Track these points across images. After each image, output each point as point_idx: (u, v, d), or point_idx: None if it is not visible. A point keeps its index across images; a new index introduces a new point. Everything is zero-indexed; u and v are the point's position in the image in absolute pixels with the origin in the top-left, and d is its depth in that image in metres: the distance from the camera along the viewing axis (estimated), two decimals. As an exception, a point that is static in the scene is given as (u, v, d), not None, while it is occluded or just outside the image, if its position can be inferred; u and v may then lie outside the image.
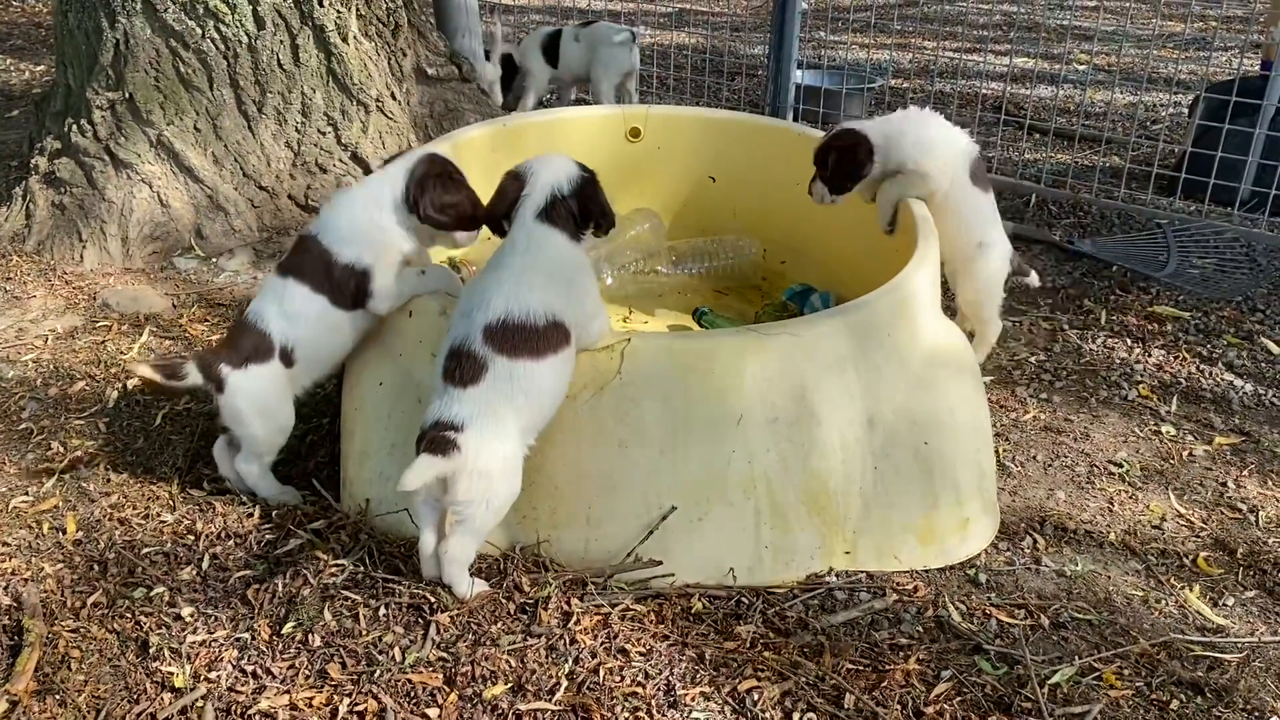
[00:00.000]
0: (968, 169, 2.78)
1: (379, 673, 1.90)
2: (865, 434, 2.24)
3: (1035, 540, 2.43)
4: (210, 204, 3.77)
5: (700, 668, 1.95)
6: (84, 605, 2.09)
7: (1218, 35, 7.28)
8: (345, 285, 2.31)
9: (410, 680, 1.88)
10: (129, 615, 2.06)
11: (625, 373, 2.11)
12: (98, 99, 3.71)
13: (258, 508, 2.36)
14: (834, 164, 2.78)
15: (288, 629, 2.00)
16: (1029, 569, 2.34)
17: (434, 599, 2.05)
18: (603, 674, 1.91)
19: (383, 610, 2.04)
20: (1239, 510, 2.59)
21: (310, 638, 1.98)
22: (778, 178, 3.24)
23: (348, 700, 1.85)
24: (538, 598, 2.06)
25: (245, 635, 2.00)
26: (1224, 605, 2.26)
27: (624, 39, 5.05)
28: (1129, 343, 3.38)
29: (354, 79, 3.93)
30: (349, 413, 2.42)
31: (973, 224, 2.82)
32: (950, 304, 2.87)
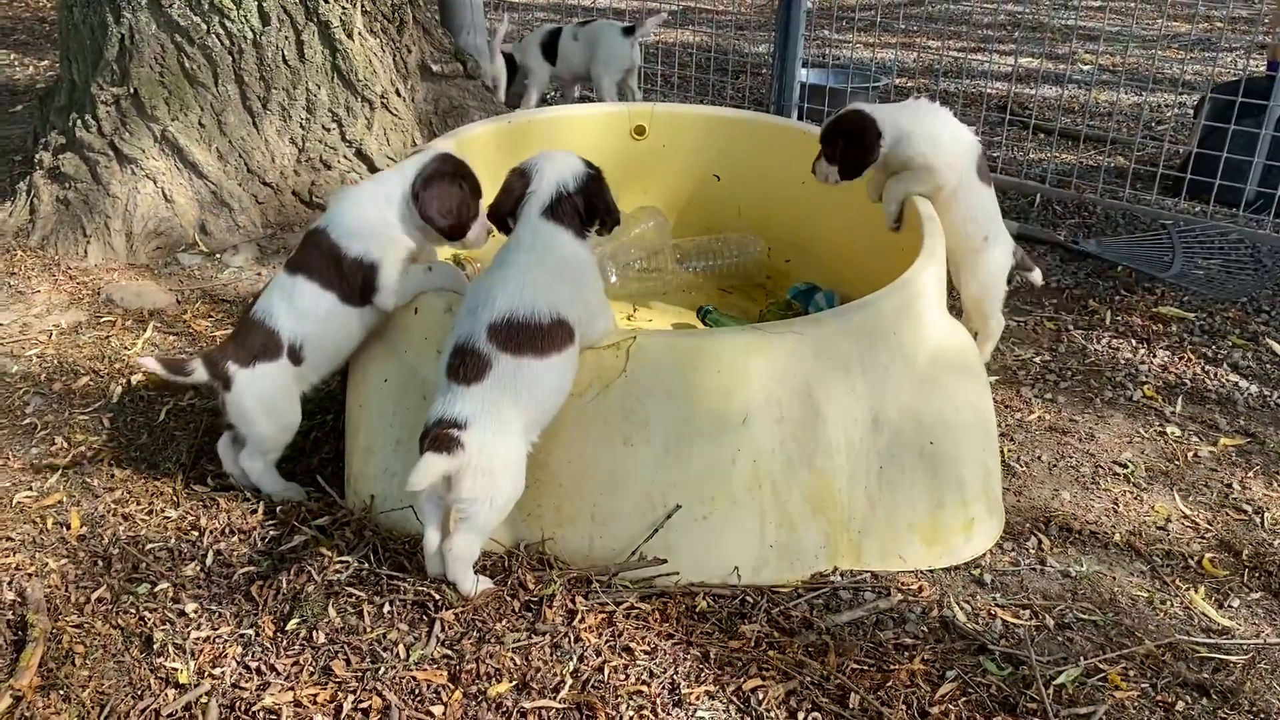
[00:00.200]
0: (975, 165, 2.79)
1: (383, 670, 1.90)
2: (870, 433, 2.23)
3: (1040, 541, 2.43)
4: (214, 200, 3.77)
5: (705, 666, 1.95)
6: (88, 601, 2.09)
7: (1223, 36, 7.27)
8: (353, 280, 2.30)
9: (415, 677, 1.88)
10: (133, 611, 2.06)
11: (630, 371, 2.11)
12: (102, 94, 3.71)
13: (262, 504, 2.36)
14: (843, 147, 2.77)
15: (292, 625, 2.00)
16: (1034, 569, 2.33)
17: (439, 596, 2.04)
18: (607, 672, 1.91)
19: (387, 607, 2.03)
20: (1244, 512, 2.58)
21: (314, 634, 1.98)
22: (783, 176, 3.24)
23: (352, 697, 1.84)
24: (542, 595, 2.06)
25: (249, 631, 2.00)
26: (1229, 607, 2.26)
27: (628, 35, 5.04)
28: (1134, 343, 3.37)
29: (359, 75, 3.93)
30: (354, 409, 2.42)
31: (979, 219, 2.83)
32: (955, 304, 2.87)
